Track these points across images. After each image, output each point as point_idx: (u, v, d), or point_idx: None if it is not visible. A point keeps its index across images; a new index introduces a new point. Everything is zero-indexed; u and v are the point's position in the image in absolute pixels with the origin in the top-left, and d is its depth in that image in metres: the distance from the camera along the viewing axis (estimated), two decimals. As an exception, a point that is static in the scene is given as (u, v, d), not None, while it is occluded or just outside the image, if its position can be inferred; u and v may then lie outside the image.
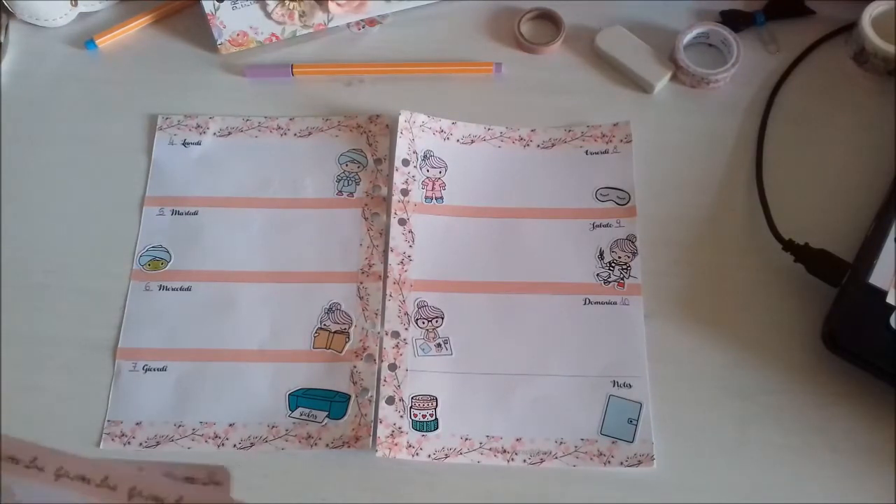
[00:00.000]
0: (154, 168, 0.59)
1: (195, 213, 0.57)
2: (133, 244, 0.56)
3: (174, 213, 0.57)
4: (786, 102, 0.60)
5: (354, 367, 0.52)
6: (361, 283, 0.55)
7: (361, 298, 0.54)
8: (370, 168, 0.58)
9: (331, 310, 0.54)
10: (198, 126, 0.60)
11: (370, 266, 0.55)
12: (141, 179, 0.58)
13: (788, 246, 0.53)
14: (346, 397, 0.51)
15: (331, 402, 0.51)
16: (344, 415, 0.51)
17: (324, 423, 0.51)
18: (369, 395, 0.51)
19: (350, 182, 0.58)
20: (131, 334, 0.53)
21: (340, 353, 0.53)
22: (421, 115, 0.59)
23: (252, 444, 0.50)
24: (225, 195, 0.58)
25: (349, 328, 0.53)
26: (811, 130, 0.59)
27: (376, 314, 0.54)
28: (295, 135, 0.60)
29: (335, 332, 0.53)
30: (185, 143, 0.60)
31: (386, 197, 0.57)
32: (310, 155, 0.59)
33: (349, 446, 0.50)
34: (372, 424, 0.50)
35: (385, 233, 0.56)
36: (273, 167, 0.59)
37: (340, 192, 0.58)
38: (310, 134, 0.60)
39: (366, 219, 0.57)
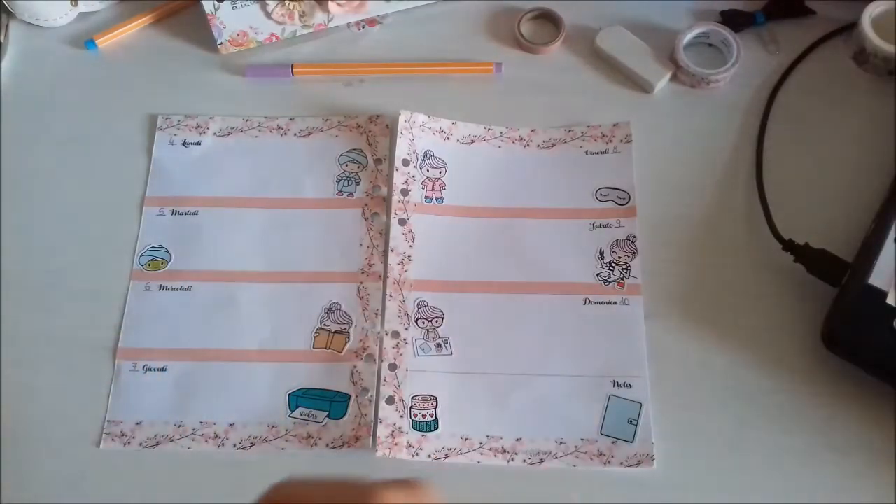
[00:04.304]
0: (154, 168, 0.59)
1: (195, 213, 0.57)
2: (133, 244, 0.56)
3: (174, 213, 0.57)
4: (786, 102, 0.60)
5: (354, 367, 0.52)
6: (361, 283, 0.55)
7: (361, 298, 0.54)
8: (370, 168, 0.58)
9: (331, 310, 0.54)
10: (198, 126, 0.60)
11: (370, 266, 0.55)
12: (141, 179, 0.58)
13: (788, 246, 0.53)
14: (346, 397, 0.51)
15: (331, 402, 0.51)
16: (344, 415, 0.51)
17: (324, 423, 0.51)
18: (369, 395, 0.51)
19: (350, 182, 0.58)
20: (131, 334, 0.53)
21: (340, 353, 0.53)
22: (421, 115, 0.59)
23: (252, 444, 0.50)
24: (225, 195, 0.58)
25: (349, 328, 0.53)
26: (811, 130, 0.59)
27: (376, 314, 0.54)
28: (295, 135, 0.60)
29: (335, 332, 0.53)
30: (185, 143, 0.60)
31: (386, 197, 0.57)
32: (310, 155, 0.59)
33: (349, 446, 0.50)
34: (372, 424, 0.50)
35: (385, 233, 0.56)
36: (273, 167, 0.59)
37: (340, 192, 0.58)
38: (310, 134, 0.60)
39: (366, 219, 0.57)
